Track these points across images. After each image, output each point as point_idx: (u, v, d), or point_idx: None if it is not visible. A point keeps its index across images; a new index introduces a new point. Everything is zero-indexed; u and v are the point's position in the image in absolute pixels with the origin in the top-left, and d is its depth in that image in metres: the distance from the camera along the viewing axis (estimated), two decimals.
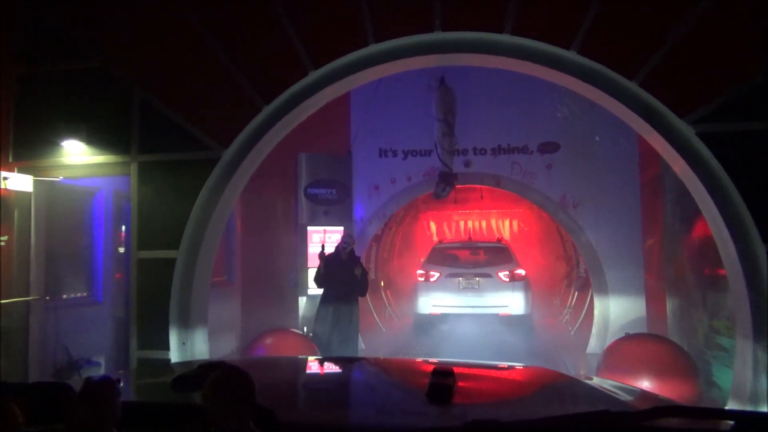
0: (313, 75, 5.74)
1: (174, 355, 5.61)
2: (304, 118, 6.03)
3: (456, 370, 2.49)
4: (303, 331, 8.32)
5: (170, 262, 5.71)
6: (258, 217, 8.95)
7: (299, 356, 4.85)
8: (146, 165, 5.98)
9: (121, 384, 2.16)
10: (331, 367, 3.39)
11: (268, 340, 6.67)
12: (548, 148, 9.69)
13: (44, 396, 2.13)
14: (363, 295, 7.04)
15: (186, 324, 5.73)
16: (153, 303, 5.80)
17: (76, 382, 2.20)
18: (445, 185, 8.78)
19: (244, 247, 8.77)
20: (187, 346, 5.71)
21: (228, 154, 5.75)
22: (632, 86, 5.16)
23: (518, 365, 3.29)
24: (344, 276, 6.86)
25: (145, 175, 5.95)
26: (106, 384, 1.98)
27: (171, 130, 5.78)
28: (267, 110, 5.75)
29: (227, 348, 7.74)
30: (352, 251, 7.09)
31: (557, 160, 9.62)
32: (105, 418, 1.93)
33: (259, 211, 8.99)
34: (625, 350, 5.81)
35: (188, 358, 5.47)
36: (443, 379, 2.38)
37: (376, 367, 3.31)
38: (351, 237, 7.18)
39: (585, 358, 8.49)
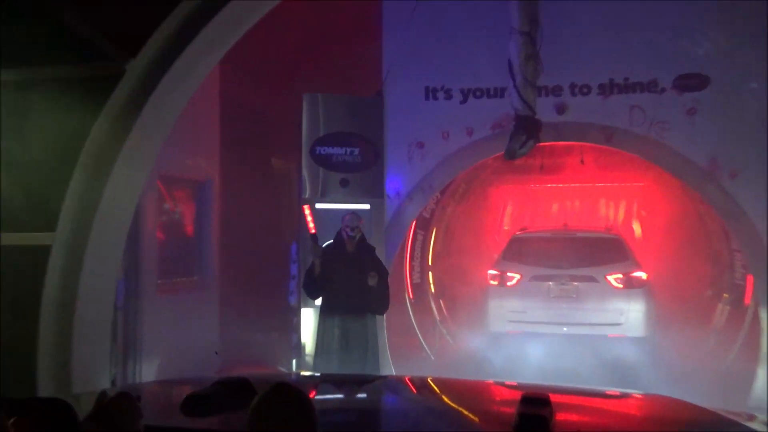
0: None
1: None
2: (264, 11, 5.12)
3: (552, 397, 2.55)
4: (293, 366, 8.08)
5: (43, 252, 4.84)
6: (245, 189, 8.81)
7: (327, 373, 5.12)
8: (10, 87, 5.02)
9: (141, 402, 2.31)
10: (378, 388, 3.59)
11: None
12: (691, 83, 8.57)
13: (42, 414, 2.27)
14: (381, 311, 6.68)
15: (65, 356, 4.87)
16: (16, 320, 4.87)
17: (74, 399, 2.64)
18: (526, 136, 7.59)
19: (225, 233, 8.71)
20: None
21: (138, 67, 4.95)
22: None
23: (636, 393, 3.40)
24: (351, 278, 6.30)
25: (8, 104, 5.02)
26: (125, 402, 2.13)
27: (48, 31, 4.98)
28: None
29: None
30: (362, 240, 6.53)
31: (705, 103, 8.51)
32: None
33: (249, 181, 8.86)
34: None
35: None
36: (536, 408, 2.43)
37: (444, 389, 3.41)
38: (359, 218, 6.59)
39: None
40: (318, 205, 8.44)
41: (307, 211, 7.91)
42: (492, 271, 10.24)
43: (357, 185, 8.62)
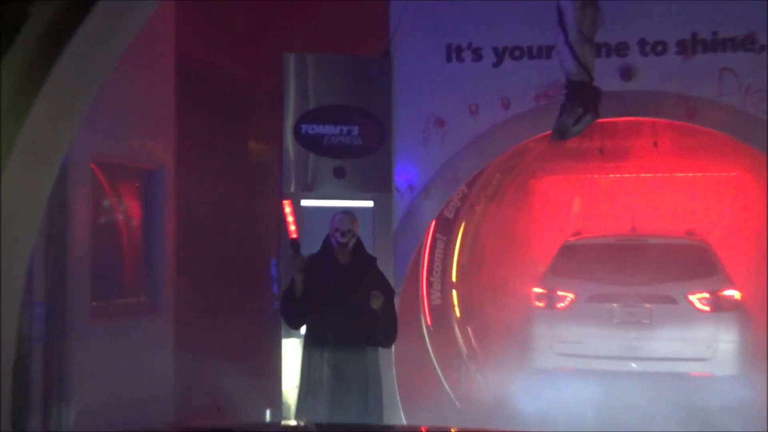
0: None
1: None
2: None
3: None
4: (267, 416, 8.09)
5: None
6: (210, 180, 8.91)
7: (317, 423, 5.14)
8: None
9: None
10: None
11: None
12: None
13: None
14: (386, 343, 6.66)
15: None
16: None
17: None
18: (581, 110, 7.38)
19: (183, 240, 8.64)
20: None
21: (46, 11, 4.62)
22: None
23: None
24: (344, 299, 6.29)
25: None
26: None
27: None
28: None
29: None
30: (358, 248, 6.46)
31: None
32: None
33: (214, 170, 8.96)
34: None
35: None
36: None
37: None
38: (353, 218, 6.47)
39: None
40: (305, 202, 8.33)
41: (287, 209, 7.68)
42: (537, 290, 10.31)
43: (356, 175, 8.51)
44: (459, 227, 11.08)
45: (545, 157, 11.69)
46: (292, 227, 7.49)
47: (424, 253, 9.98)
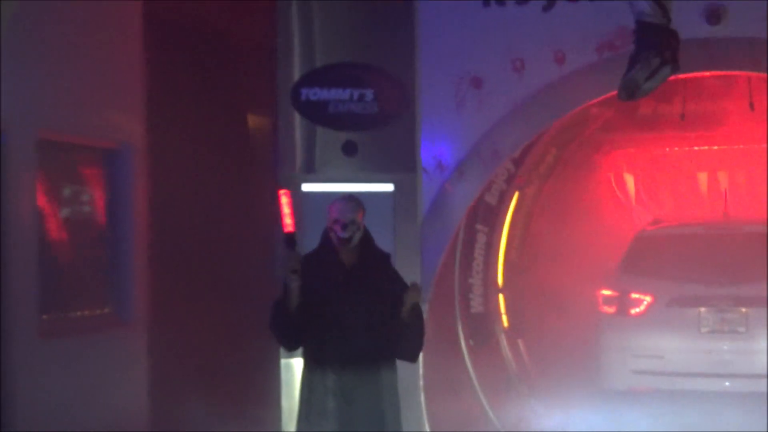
0: None
1: None
2: None
3: None
4: None
5: None
6: (191, 161, 8.94)
7: None
8: None
9: None
10: None
11: None
12: None
13: None
14: (412, 357, 6.54)
15: None
16: None
17: None
18: (659, 60, 6.84)
19: (157, 235, 8.67)
20: None
21: None
22: None
23: None
24: (351, 308, 6.17)
25: None
26: None
27: None
28: None
29: None
30: (366, 244, 6.31)
31: None
32: None
33: (196, 148, 8.99)
34: None
35: None
36: None
37: None
38: (357, 205, 6.28)
39: None
40: (306, 187, 8.65)
41: (284, 199, 7.42)
42: (606, 292, 10.54)
43: (372, 152, 8.77)
44: (505, 216, 11.19)
45: (612, 125, 11.74)
46: (288, 220, 7.19)
47: (459, 248, 10.02)
